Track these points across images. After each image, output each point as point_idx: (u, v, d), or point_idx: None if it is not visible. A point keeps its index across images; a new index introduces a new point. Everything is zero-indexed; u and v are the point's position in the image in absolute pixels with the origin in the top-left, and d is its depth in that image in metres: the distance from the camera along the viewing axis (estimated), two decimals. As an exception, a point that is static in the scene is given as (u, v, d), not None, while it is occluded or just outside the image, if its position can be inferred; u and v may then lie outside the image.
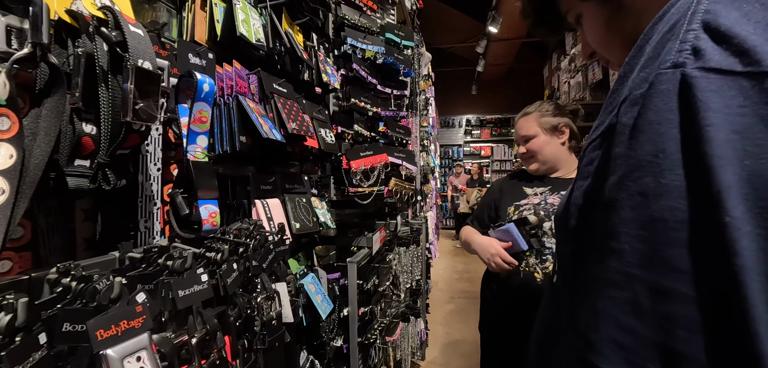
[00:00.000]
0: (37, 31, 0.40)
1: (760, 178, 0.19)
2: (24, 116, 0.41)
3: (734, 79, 0.20)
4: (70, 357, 0.40)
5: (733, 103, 0.20)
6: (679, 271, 0.21)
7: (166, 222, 0.64)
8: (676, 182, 0.21)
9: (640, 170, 0.23)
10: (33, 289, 0.41)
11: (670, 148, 0.22)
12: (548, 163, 1.10)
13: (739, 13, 0.21)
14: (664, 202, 0.22)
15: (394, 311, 1.78)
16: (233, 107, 0.76)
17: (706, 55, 0.21)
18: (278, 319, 0.70)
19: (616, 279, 0.24)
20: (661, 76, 0.23)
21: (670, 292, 0.21)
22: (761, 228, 0.19)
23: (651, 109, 0.23)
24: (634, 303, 0.22)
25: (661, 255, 0.22)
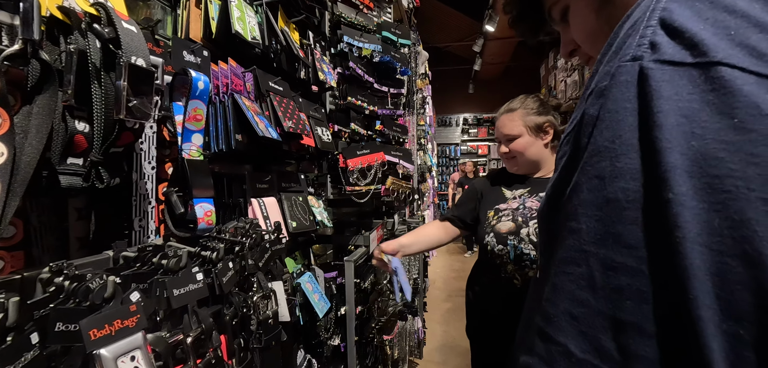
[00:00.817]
0: (28, 28, 0.40)
1: (705, 157, 0.20)
2: (15, 113, 0.40)
3: (685, 70, 0.22)
4: (64, 356, 0.39)
5: (683, 91, 0.21)
6: (629, 247, 0.22)
7: (161, 221, 0.63)
8: (630, 165, 0.23)
9: (599, 155, 0.25)
10: (25, 289, 0.40)
11: (625, 134, 0.23)
12: (530, 165, 1.07)
13: (692, 11, 0.23)
14: (618, 184, 0.23)
15: (392, 310, 1.78)
16: (229, 105, 0.76)
17: (662, 48, 0.23)
18: (275, 318, 0.69)
19: (574, 257, 0.25)
20: (621, 68, 0.24)
21: (620, 266, 0.23)
22: (704, 202, 0.20)
23: (611, 98, 0.25)
24: (589, 277, 0.24)
25: (613, 232, 0.23)
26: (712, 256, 0.19)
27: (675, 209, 0.21)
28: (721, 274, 0.19)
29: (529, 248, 0.97)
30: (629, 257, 0.22)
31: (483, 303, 1.11)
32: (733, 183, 0.19)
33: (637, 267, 0.22)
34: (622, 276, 0.23)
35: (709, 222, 0.20)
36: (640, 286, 0.22)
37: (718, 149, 0.20)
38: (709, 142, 0.20)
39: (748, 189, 0.19)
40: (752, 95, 0.20)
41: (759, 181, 0.19)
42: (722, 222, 0.19)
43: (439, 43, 7.08)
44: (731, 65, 0.20)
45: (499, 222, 1.04)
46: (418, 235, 1.21)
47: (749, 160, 0.19)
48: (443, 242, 1.22)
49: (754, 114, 0.20)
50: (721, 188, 0.20)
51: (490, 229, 1.05)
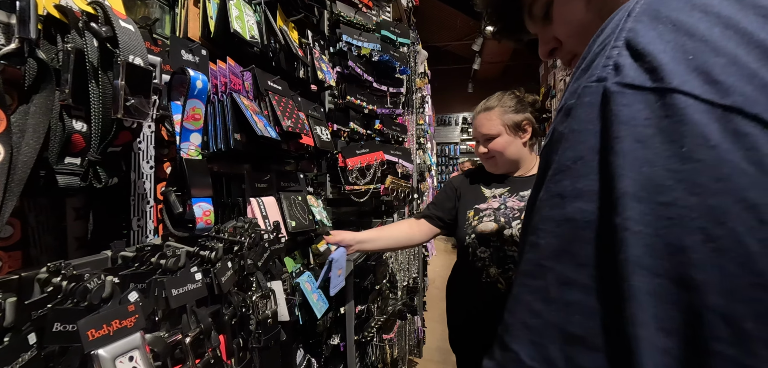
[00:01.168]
0: (25, 26, 0.40)
1: (653, 184, 0.21)
2: (12, 113, 0.40)
3: (643, 94, 0.22)
4: (62, 357, 0.39)
5: (640, 115, 0.22)
6: (582, 265, 0.23)
7: (160, 220, 0.63)
8: (589, 186, 0.24)
9: (561, 174, 0.26)
10: (23, 289, 0.40)
11: (587, 156, 0.24)
12: (509, 164, 1.05)
13: (655, 33, 0.23)
14: (576, 204, 0.24)
15: (391, 309, 1.78)
16: (227, 104, 0.76)
17: (624, 70, 0.23)
18: (274, 318, 0.69)
19: (532, 270, 0.26)
20: (587, 88, 0.25)
21: (573, 282, 0.24)
22: (649, 227, 0.21)
23: (575, 118, 0.25)
24: (544, 290, 0.25)
25: (569, 250, 0.24)
26: (652, 279, 0.20)
27: (622, 234, 0.21)
28: (659, 296, 0.20)
29: (512, 250, 0.94)
30: (582, 274, 0.23)
31: (465, 309, 1.06)
32: (676, 211, 0.20)
33: (588, 284, 0.23)
34: (574, 291, 0.24)
35: (652, 246, 0.21)
36: (589, 302, 0.23)
37: (665, 177, 0.21)
38: (658, 169, 0.21)
39: (689, 218, 0.20)
40: (701, 125, 0.20)
41: (699, 211, 0.20)
42: (663, 247, 0.20)
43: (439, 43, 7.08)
44: (685, 92, 0.21)
45: (480, 222, 1.00)
46: (382, 232, 1.14)
47: (692, 189, 0.20)
48: (414, 241, 1.16)
49: (700, 144, 0.20)
50: (665, 215, 0.20)
51: (471, 230, 1.01)
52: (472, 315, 1.03)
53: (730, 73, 0.20)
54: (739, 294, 0.18)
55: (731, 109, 0.20)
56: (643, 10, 0.24)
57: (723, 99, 0.20)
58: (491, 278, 0.97)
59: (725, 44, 0.21)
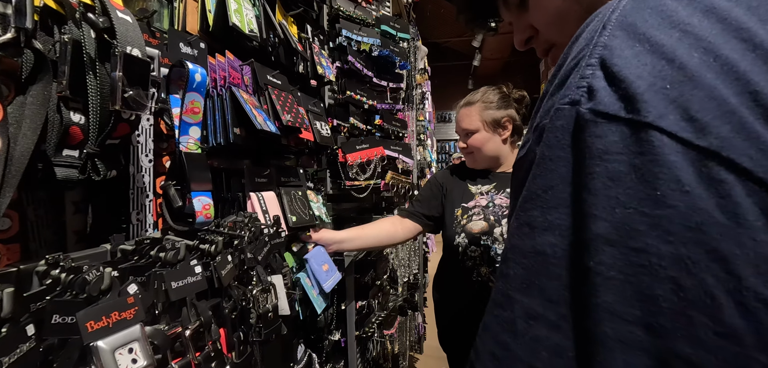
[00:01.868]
0: (21, 16, 0.39)
1: (625, 227, 0.20)
2: (8, 104, 0.40)
3: (617, 125, 0.21)
4: (61, 349, 0.39)
5: (613, 149, 0.21)
6: (550, 301, 0.23)
7: (159, 214, 0.63)
8: (559, 221, 0.23)
9: (531, 202, 0.25)
10: (21, 281, 0.40)
11: (557, 187, 0.23)
12: (489, 161, 1.04)
13: (632, 53, 0.21)
14: (546, 237, 0.23)
15: (392, 305, 1.78)
16: (226, 98, 0.75)
17: (598, 95, 0.21)
18: (274, 312, 0.69)
19: (501, 300, 0.26)
20: (559, 111, 0.23)
21: (541, 318, 0.23)
22: (621, 273, 0.20)
23: (547, 144, 0.24)
24: (512, 322, 0.25)
25: (538, 283, 0.23)
26: (622, 325, 0.20)
27: (594, 278, 0.21)
28: (629, 343, 0.20)
29: (501, 248, 0.94)
30: (550, 311, 0.23)
31: (456, 307, 1.05)
32: (647, 258, 0.19)
33: (556, 322, 0.23)
34: (541, 327, 0.23)
35: (622, 292, 0.20)
36: (556, 340, 0.22)
37: (638, 221, 0.20)
38: (631, 212, 0.20)
39: (661, 266, 0.19)
40: (675, 167, 0.19)
41: (670, 260, 0.19)
42: (633, 294, 0.20)
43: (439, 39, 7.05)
44: (660, 129, 0.19)
45: (470, 221, 0.99)
46: (363, 230, 1.12)
47: (664, 237, 0.19)
48: (397, 240, 1.15)
49: (674, 188, 0.19)
50: (636, 262, 0.20)
51: (460, 229, 1.00)
52: (463, 313, 1.03)
53: (707, 110, 0.19)
54: (708, 344, 0.18)
55: (707, 152, 0.19)
56: (618, 24, 0.22)
57: (699, 140, 0.19)
58: (482, 277, 0.96)
59: (704, 74, 0.19)
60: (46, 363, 0.37)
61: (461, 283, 1.02)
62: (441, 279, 1.13)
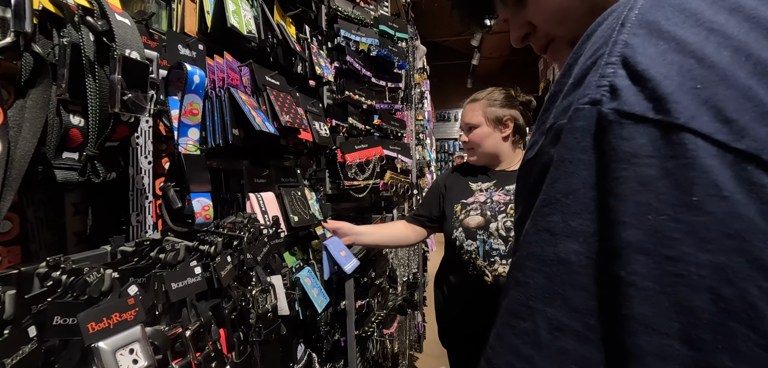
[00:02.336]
0: (20, 20, 0.39)
1: (660, 235, 0.19)
2: (8, 107, 0.40)
3: (645, 127, 0.20)
4: (62, 350, 0.39)
5: (643, 152, 0.19)
6: (577, 311, 0.22)
7: (159, 215, 0.63)
8: (583, 227, 0.22)
9: (550, 207, 0.23)
10: (23, 283, 0.40)
11: (579, 191, 0.22)
12: (488, 157, 1.07)
13: (656, 51, 0.20)
14: (570, 245, 0.22)
15: (392, 304, 1.79)
16: (225, 99, 0.75)
17: (622, 95, 0.20)
18: (274, 312, 0.69)
19: (520, 311, 0.24)
20: (578, 111, 0.22)
21: (567, 329, 0.22)
22: (656, 284, 0.19)
23: (565, 146, 0.23)
24: (534, 334, 0.23)
25: (562, 293, 0.22)
26: (659, 338, 0.19)
27: (625, 289, 0.20)
28: (665, 356, 0.19)
29: (498, 243, 0.96)
30: (577, 322, 0.22)
31: (454, 304, 1.08)
32: (685, 267, 0.18)
33: (585, 333, 0.21)
34: (568, 339, 0.22)
35: (659, 304, 0.19)
36: (585, 353, 0.21)
37: (673, 229, 0.19)
38: (665, 219, 0.19)
39: (699, 276, 0.18)
40: (712, 171, 0.18)
41: (708, 269, 0.18)
42: (670, 306, 0.19)
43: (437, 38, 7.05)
44: (694, 131, 0.18)
45: (467, 216, 1.02)
46: (380, 228, 1.19)
47: (702, 245, 0.18)
48: (410, 242, 1.20)
49: (712, 194, 0.18)
50: (673, 271, 0.19)
51: (458, 224, 1.02)
52: (461, 308, 1.05)
53: (743, 111, 0.18)
54: (749, 357, 0.17)
55: (745, 156, 0.18)
56: (639, 21, 0.21)
57: (736, 142, 0.18)
58: (478, 270, 0.98)
59: (736, 73, 0.18)
60: (47, 364, 0.38)
61: (459, 277, 1.04)
62: (441, 276, 1.15)
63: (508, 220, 0.96)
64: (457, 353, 1.10)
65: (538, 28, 0.37)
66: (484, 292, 0.97)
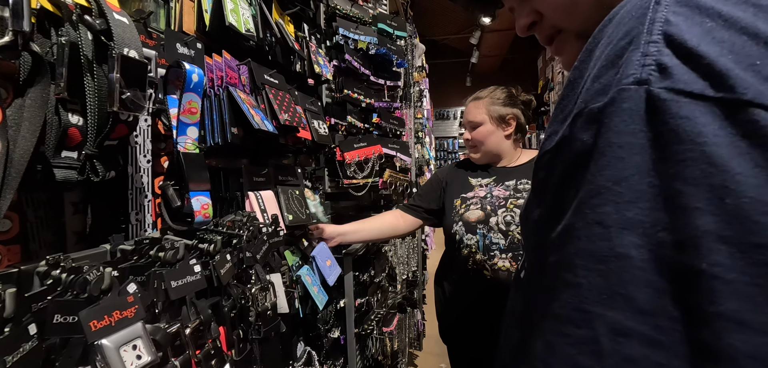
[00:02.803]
0: (18, 19, 0.39)
1: (742, 221, 0.17)
2: (7, 106, 0.40)
3: (706, 105, 0.18)
4: (63, 348, 0.40)
5: (708, 131, 0.18)
6: (644, 313, 0.20)
7: (158, 214, 0.63)
8: (641, 217, 0.20)
9: (599, 197, 0.21)
10: (22, 282, 0.40)
11: (633, 178, 0.20)
12: (490, 154, 1.08)
13: (702, 29, 0.19)
14: (627, 238, 0.20)
15: (391, 302, 1.79)
16: (224, 98, 0.75)
17: (674, 73, 0.19)
18: (273, 310, 0.70)
19: (573, 316, 0.22)
20: (623, 92, 0.21)
21: (633, 333, 0.20)
22: (745, 275, 0.17)
23: (612, 129, 0.21)
24: (593, 342, 0.21)
25: (624, 293, 0.20)
26: (755, 337, 0.17)
27: (709, 282, 0.18)
28: (763, 356, 0.17)
29: (498, 237, 0.96)
30: (644, 325, 0.19)
31: (454, 300, 1.08)
32: None
33: (655, 337, 0.19)
34: (635, 345, 0.20)
35: (751, 298, 0.17)
36: (658, 359, 0.19)
37: (757, 212, 0.17)
38: (745, 202, 0.17)
39: None
40: None
41: None
42: (765, 300, 0.17)
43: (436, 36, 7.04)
44: (765, 106, 0.17)
45: (467, 210, 1.02)
46: (365, 223, 1.17)
47: None
48: (399, 232, 1.19)
49: None
50: (762, 260, 0.17)
51: (458, 218, 1.03)
52: (461, 304, 1.05)
53: None
54: None
55: None
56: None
57: None
58: (477, 265, 0.98)
59: None
60: (48, 363, 0.38)
61: (459, 273, 1.04)
62: (441, 272, 1.16)
63: (508, 215, 0.96)
64: (458, 349, 1.11)
65: (545, 18, 0.36)
66: (484, 288, 0.97)
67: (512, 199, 0.98)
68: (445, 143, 8.61)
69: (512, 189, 1.01)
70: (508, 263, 0.94)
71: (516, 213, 0.96)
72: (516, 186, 1.01)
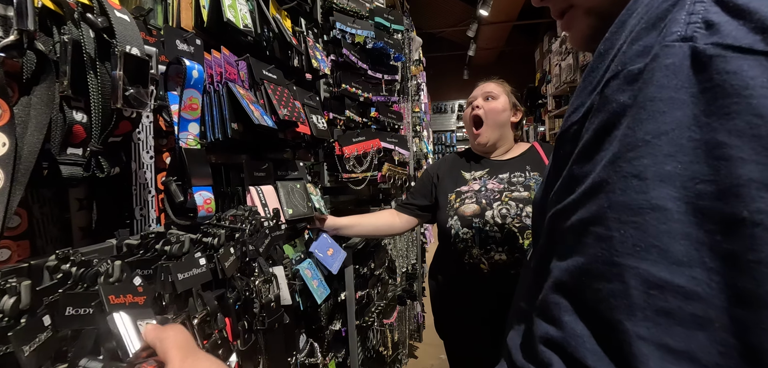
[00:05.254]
0: (23, 18, 0.40)
1: None
2: (14, 104, 0.41)
3: (756, 59, 0.18)
4: (74, 340, 0.41)
5: (756, 84, 0.18)
6: (680, 264, 0.19)
7: (162, 209, 0.64)
8: (680, 170, 0.20)
9: (636, 150, 0.21)
10: (33, 276, 0.41)
11: (673, 132, 0.20)
12: (495, 132, 1.07)
13: None
14: (665, 190, 0.20)
15: (391, 295, 1.81)
16: (223, 94, 0.76)
17: (722, 29, 0.19)
18: (277, 301, 0.71)
19: (602, 270, 0.22)
20: (666, 49, 0.21)
21: (668, 286, 0.19)
22: None
23: (653, 84, 0.21)
24: (624, 296, 0.20)
25: (658, 245, 0.20)
26: None
27: (751, 229, 0.18)
28: None
29: (494, 231, 0.96)
30: (680, 276, 0.19)
31: (450, 293, 1.08)
32: None
33: (691, 288, 0.19)
34: (669, 297, 0.19)
35: None
36: (694, 311, 0.19)
37: None
38: None
39: None
40: None
41: None
42: None
43: (433, 29, 7.02)
44: None
45: (462, 204, 1.02)
46: (362, 219, 1.18)
47: None
48: (396, 230, 1.21)
49: None
50: None
51: (453, 212, 1.03)
52: (456, 298, 1.06)
53: None
54: None
55: None
56: None
57: None
58: (474, 258, 0.99)
59: None
60: (60, 354, 0.39)
61: (454, 267, 1.04)
62: (436, 266, 1.16)
63: (504, 208, 0.97)
64: (455, 342, 1.12)
65: None
66: (480, 281, 0.98)
67: (507, 192, 0.99)
68: (442, 137, 8.62)
69: (506, 182, 1.01)
70: (504, 256, 0.95)
71: (511, 206, 0.96)
72: (510, 179, 1.02)
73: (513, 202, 0.96)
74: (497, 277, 0.95)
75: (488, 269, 0.97)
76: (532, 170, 1.02)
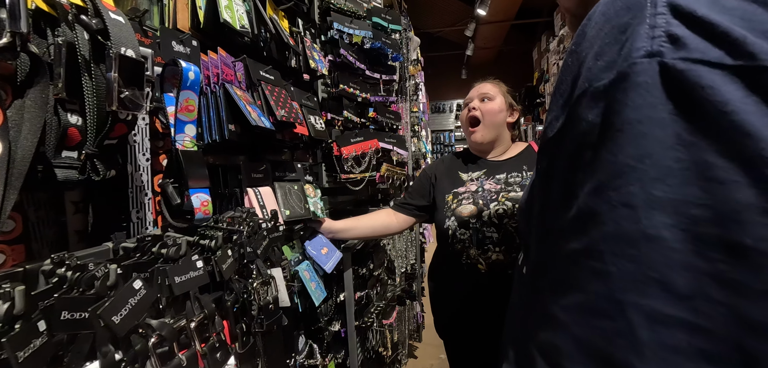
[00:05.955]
0: (16, 20, 0.40)
1: None
2: (7, 108, 0.40)
3: (726, 74, 0.18)
4: (71, 344, 0.41)
5: (733, 98, 0.17)
6: (683, 297, 0.18)
7: (158, 212, 0.64)
8: (670, 194, 0.19)
9: (622, 177, 0.20)
10: (28, 281, 0.41)
11: (658, 154, 0.19)
12: (492, 132, 1.07)
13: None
14: (658, 218, 0.19)
15: (390, 295, 1.81)
16: (220, 95, 0.76)
17: (688, 43, 0.19)
18: (275, 303, 0.71)
19: (604, 308, 0.21)
20: (635, 66, 0.20)
21: (672, 321, 0.19)
22: None
23: (629, 105, 0.20)
24: (629, 334, 0.20)
25: (659, 278, 0.19)
26: None
27: (757, 258, 0.17)
28: None
29: (491, 231, 0.96)
30: (685, 310, 0.18)
31: (449, 295, 1.09)
32: None
33: (697, 322, 0.18)
34: (676, 332, 0.18)
35: None
36: (701, 345, 0.18)
37: None
38: None
39: None
40: None
41: None
42: None
43: (431, 29, 7.01)
44: None
45: (459, 205, 1.02)
46: (358, 221, 1.18)
47: None
48: (392, 230, 1.21)
49: None
50: None
51: (450, 213, 1.03)
52: (455, 298, 1.06)
53: None
54: None
55: None
56: None
57: None
58: (471, 259, 0.99)
59: None
60: (57, 358, 0.39)
61: (453, 268, 1.05)
62: (434, 267, 1.16)
63: (501, 208, 0.97)
64: (455, 342, 1.12)
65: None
66: (479, 281, 0.98)
67: (503, 193, 0.99)
68: (441, 136, 8.62)
69: (503, 183, 1.01)
70: (502, 256, 0.95)
71: (508, 206, 0.96)
72: (507, 180, 1.02)
73: (510, 203, 0.96)
74: (495, 277, 0.95)
75: (486, 269, 0.97)
76: (529, 170, 1.02)
